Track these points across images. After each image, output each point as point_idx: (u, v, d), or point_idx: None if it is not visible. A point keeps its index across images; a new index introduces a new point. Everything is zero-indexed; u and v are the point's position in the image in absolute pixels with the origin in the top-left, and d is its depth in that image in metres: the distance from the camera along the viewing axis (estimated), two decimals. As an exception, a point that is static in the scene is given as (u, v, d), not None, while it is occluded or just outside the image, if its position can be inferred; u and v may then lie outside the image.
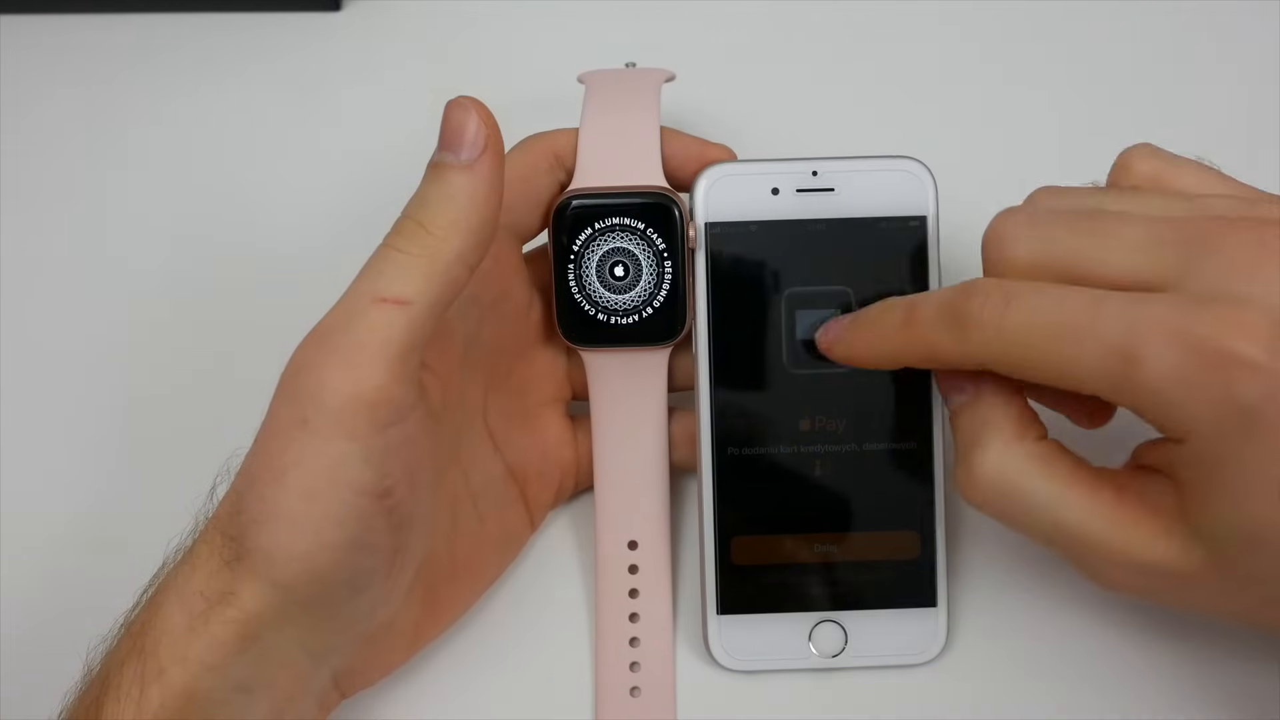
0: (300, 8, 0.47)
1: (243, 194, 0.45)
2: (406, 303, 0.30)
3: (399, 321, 0.30)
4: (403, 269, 0.31)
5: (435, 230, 0.31)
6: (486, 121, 0.32)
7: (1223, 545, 0.29)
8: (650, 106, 0.37)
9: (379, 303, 0.30)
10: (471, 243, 0.32)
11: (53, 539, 0.40)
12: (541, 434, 0.39)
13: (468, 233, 0.31)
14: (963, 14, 0.47)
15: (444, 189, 0.32)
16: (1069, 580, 0.39)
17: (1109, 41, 0.46)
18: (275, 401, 0.31)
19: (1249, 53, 0.45)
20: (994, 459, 0.32)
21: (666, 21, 0.47)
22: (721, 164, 0.37)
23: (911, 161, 0.37)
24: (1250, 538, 0.29)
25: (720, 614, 0.37)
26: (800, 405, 0.37)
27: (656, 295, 0.37)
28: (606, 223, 0.36)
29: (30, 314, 0.44)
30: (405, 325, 0.30)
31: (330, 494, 0.30)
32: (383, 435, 0.30)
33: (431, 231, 0.31)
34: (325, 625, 0.32)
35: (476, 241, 0.32)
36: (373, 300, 0.30)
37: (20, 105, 0.47)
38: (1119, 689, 0.38)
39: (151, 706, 0.30)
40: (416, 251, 0.31)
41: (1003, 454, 0.32)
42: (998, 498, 0.32)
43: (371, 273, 0.31)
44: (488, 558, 0.38)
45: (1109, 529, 0.31)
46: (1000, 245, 0.32)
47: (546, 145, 0.37)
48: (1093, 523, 0.31)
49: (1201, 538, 0.30)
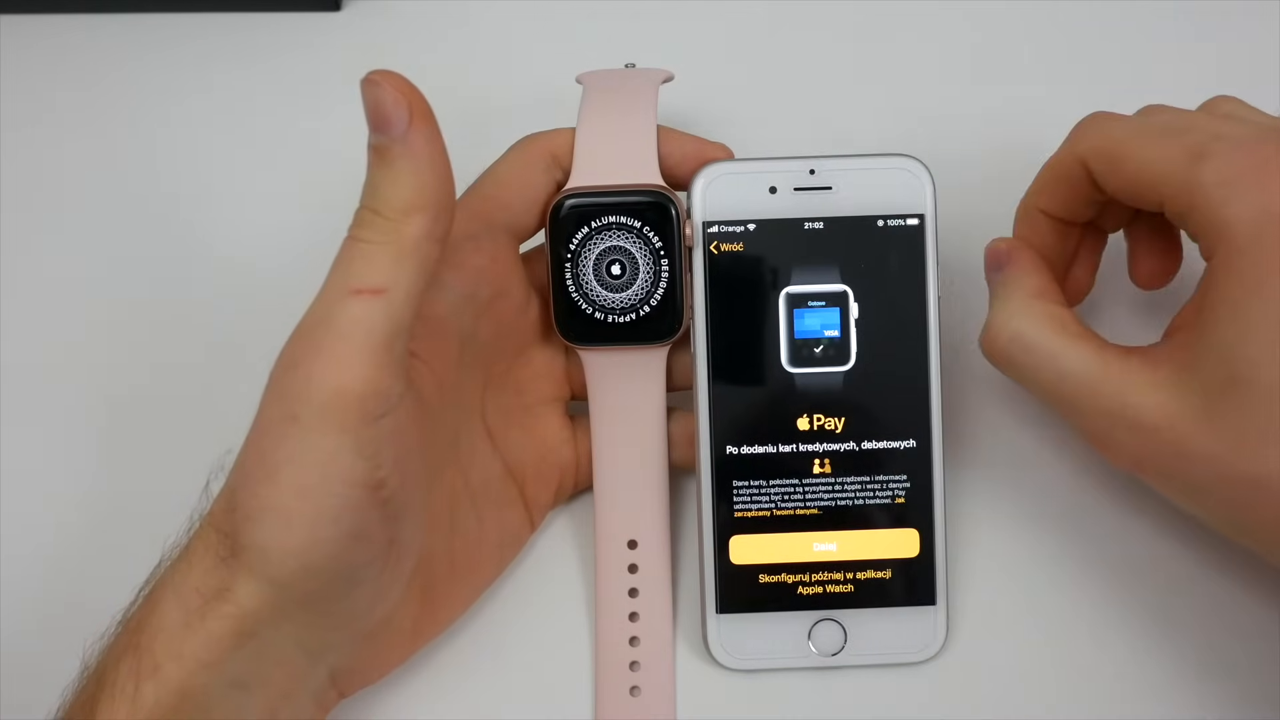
0: (300, 8, 0.47)
1: (243, 193, 0.45)
2: (381, 291, 0.30)
3: (377, 310, 0.30)
4: (370, 259, 0.31)
5: (391, 214, 0.31)
6: (401, 89, 0.31)
7: (1214, 386, 0.31)
8: (648, 107, 0.37)
9: (354, 294, 0.30)
10: (431, 216, 0.31)
11: (50, 538, 0.40)
12: (540, 433, 0.39)
13: (424, 208, 0.31)
14: (962, 12, 0.47)
15: (388, 171, 0.31)
16: (1069, 580, 0.39)
17: (1109, 40, 0.46)
18: (264, 399, 0.31)
19: (1249, 53, 0.45)
20: (1012, 311, 0.35)
21: (665, 21, 0.47)
22: (719, 163, 0.37)
23: (909, 160, 0.37)
24: (1238, 380, 0.30)
25: (720, 613, 0.37)
26: (799, 404, 0.37)
27: (653, 294, 0.37)
28: (603, 221, 0.36)
29: (28, 313, 0.44)
30: (384, 313, 0.30)
31: (323, 488, 0.30)
32: (373, 426, 0.30)
33: (388, 216, 0.31)
34: (322, 622, 0.32)
35: (437, 213, 0.31)
36: (348, 292, 0.30)
37: (20, 105, 0.47)
38: (1118, 689, 0.38)
39: (146, 704, 0.30)
40: (379, 239, 0.31)
41: (1020, 308, 0.35)
42: (1013, 349, 0.35)
43: (341, 266, 0.31)
44: (486, 557, 0.38)
45: (1107, 377, 0.33)
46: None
47: (543, 145, 0.37)
48: (1092, 370, 0.33)
49: (1196, 383, 0.31)
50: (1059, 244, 0.38)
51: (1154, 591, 0.39)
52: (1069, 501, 0.40)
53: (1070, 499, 0.40)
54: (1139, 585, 0.39)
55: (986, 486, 0.40)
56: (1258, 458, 0.30)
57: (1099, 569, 0.39)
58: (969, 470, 0.40)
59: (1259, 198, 0.31)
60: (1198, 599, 0.38)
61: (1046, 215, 0.37)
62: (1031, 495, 0.40)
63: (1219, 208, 0.31)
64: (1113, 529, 0.39)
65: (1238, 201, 0.31)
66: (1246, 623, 0.38)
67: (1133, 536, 0.39)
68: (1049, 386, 0.34)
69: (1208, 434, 0.31)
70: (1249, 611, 0.38)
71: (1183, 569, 0.39)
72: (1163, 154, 0.33)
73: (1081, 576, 0.39)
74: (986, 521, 0.40)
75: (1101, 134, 0.35)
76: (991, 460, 0.40)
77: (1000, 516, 0.40)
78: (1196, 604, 0.38)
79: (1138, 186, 0.34)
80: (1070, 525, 0.39)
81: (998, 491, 0.40)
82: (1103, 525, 0.39)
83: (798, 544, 0.37)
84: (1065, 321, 0.35)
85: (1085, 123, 0.36)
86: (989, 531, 0.39)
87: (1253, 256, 0.30)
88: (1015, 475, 0.40)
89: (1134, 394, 0.32)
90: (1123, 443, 0.33)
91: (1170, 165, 0.32)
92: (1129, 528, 0.39)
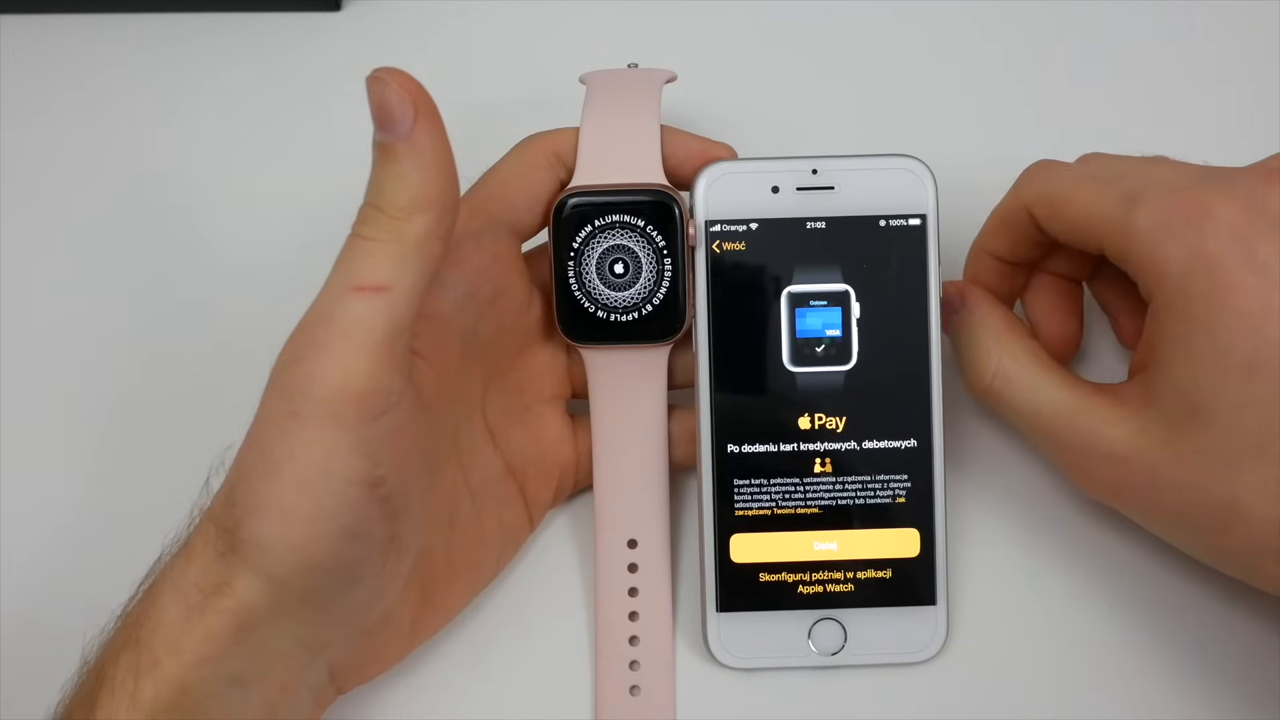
0: (300, 8, 0.48)
1: (243, 193, 0.45)
2: (383, 288, 0.30)
3: (379, 308, 0.30)
4: (372, 256, 0.31)
5: (395, 213, 0.31)
6: (406, 87, 0.31)
7: (1175, 419, 0.32)
8: (651, 106, 0.37)
9: (356, 291, 0.30)
10: (435, 215, 0.31)
11: (51, 534, 0.40)
12: (541, 432, 0.39)
13: (428, 207, 0.31)
14: (966, 14, 0.47)
15: (392, 169, 0.31)
16: (1069, 581, 0.39)
17: (1111, 42, 0.46)
18: (265, 396, 0.31)
19: (1249, 53, 0.46)
20: (990, 347, 0.37)
21: (668, 20, 0.47)
22: (721, 162, 0.37)
23: (912, 160, 0.37)
24: (1198, 410, 0.32)
25: (720, 612, 0.37)
26: (800, 403, 0.37)
27: (656, 293, 0.37)
28: (606, 220, 0.36)
29: (27, 312, 0.43)
30: (386, 311, 0.30)
31: (323, 485, 0.30)
32: (373, 424, 0.30)
33: (392, 215, 0.31)
34: (321, 618, 0.32)
35: (440, 212, 0.31)
36: (350, 290, 0.30)
37: (20, 105, 0.47)
38: (1117, 688, 0.38)
39: (145, 699, 0.30)
40: (383, 237, 0.31)
41: (998, 343, 0.37)
42: (996, 384, 0.36)
43: (344, 263, 0.31)
44: (485, 555, 0.38)
45: (1082, 410, 0.35)
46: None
47: (547, 144, 0.37)
48: (1068, 403, 0.35)
49: (1160, 416, 0.33)
50: (1006, 285, 0.39)
51: (1154, 591, 0.39)
52: (1069, 502, 0.40)
53: (1071, 500, 0.40)
54: (1139, 585, 0.39)
55: (987, 487, 0.40)
56: (1225, 482, 0.32)
57: (1099, 569, 0.39)
58: (970, 470, 0.40)
59: (1192, 239, 0.32)
60: (1198, 599, 0.39)
61: (994, 257, 0.39)
62: (1032, 496, 0.40)
63: (1153, 249, 0.33)
64: (1113, 530, 0.39)
65: (1171, 244, 0.32)
66: (1246, 623, 0.38)
67: (1133, 537, 0.39)
68: (1028, 418, 0.36)
69: (1176, 463, 0.33)
70: (1248, 612, 0.38)
71: (1183, 569, 0.39)
72: (1099, 201, 0.34)
73: (1082, 577, 0.39)
74: (987, 521, 0.40)
75: (1044, 182, 0.37)
76: (992, 460, 0.40)
77: (1001, 517, 0.40)
78: (1197, 604, 0.39)
79: (1077, 231, 0.35)
80: (1071, 526, 0.40)
81: (999, 492, 0.40)
82: (1103, 526, 0.39)
83: (798, 543, 0.37)
84: (1041, 355, 0.37)
85: (1029, 171, 0.37)
86: (989, 532, 0.40)
87: (1190, 294, 0.32)
88: (1016, 476, 0.40)
89: (1106, 427, 0.34)
90: (1098, 474, 0.35)
91: (1106, 211, 0.34)
92: (1129, 528, 0.39)
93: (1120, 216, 0.34)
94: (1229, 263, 0.32)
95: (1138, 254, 0.33)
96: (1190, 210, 0.32)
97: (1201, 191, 0.33)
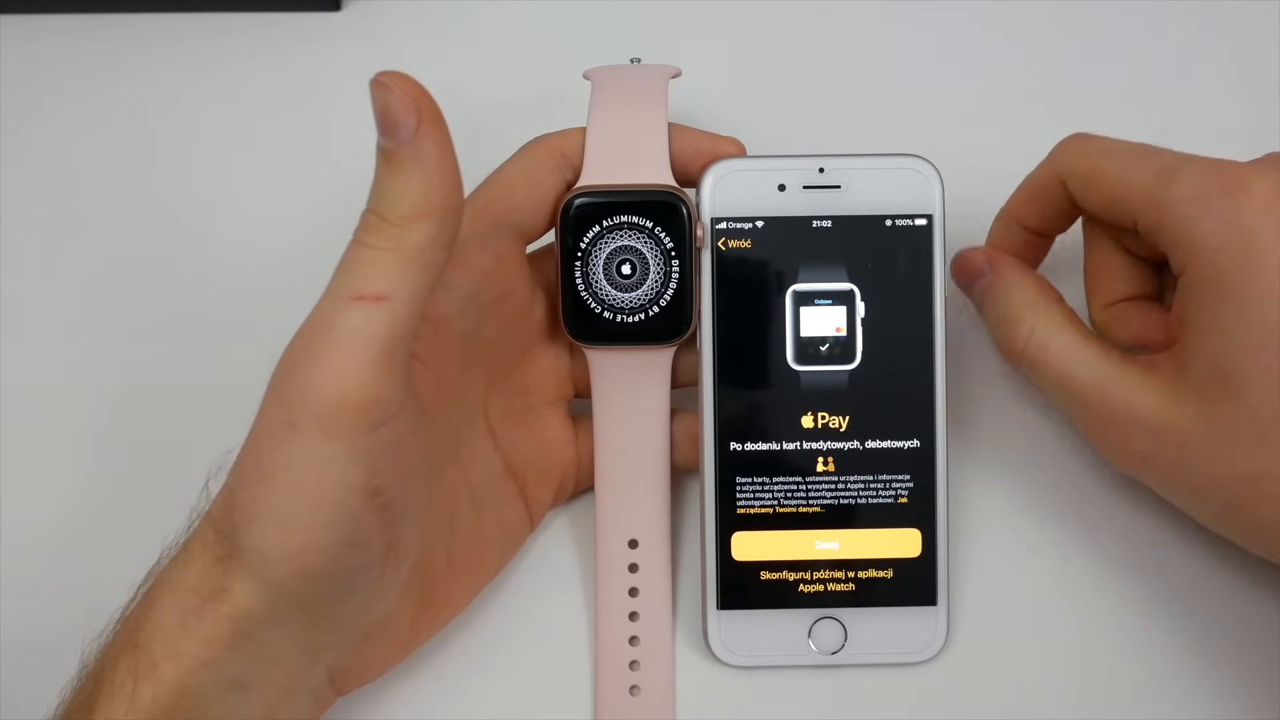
0: (300, 8, 0.47)
1: (243, 193, 0.45)
2: (384, 298, 0.30)
3: (379, 318, 0.30)
4: (373, 264, 0.30)
5: (397, 220, 0.30)
6: (409, 92, 0.30)
7: (1207, 391, 0.33)
8: (657, 104, 0.37)
9: (356, 301, 0.30)
10: (438, 223, 0.30)
11: (50, 536, 0.40)
12: (542, 433, 0.39)
13: (430, 215, 0.30)
14: (971, 14, 0.47)
15: (394, 176, 0.30)
16: (1069, 581, 0.39)
17: (1114, 42, 0.46)
18: (264, 404, 0.31)
19: (1249, 53, 0.46)
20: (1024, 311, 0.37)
21: (671, 17, 0.47)
22: (728, 160, 0.37)
23: (918, 160, 0.37)
24: (1229, 382, 0.32)
25: (720, 609, 0.37)
26: (803, 402, 0.37)
27: (663, 294, 0.36)
28: (614, 220, 0.36)
29: (27, 312, 0.43)
30: (386, 320, 0.30)
31: (320, 495, 0.30)
32: (371, 435, 0.30)
33: (394, 222, 0.30)
34: (319, 623, 0.32)
35: (443, 220, 0.31)
36: (349, 299, 0.30)
37: (20, 105, 0.46)
38: (1119, 689, 0.38)
39: (144, 702, 0.30)
40: (384, 245, 0.30)
41: (1032, 308, 0.37)
42: (1031, 347, 0.36)
43: (345, 271, 0.30)
44: (485, 556, 0.38)
45: (1114, 379, 0.35)
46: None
47: (553, 145, 0.37)
48: (1101, 371, 0.35)
49: (1191, 387, 0.33)
50: (1031, 254, 0.40)
51: (1155, 592, 0.39)
52: (1071, 503, 0.40)
53: (1072, 500, 0.40)
54: (1140, 586, 0.39)
55: (989, 487, 0.40)
56: (1254, 456, 0.32)
57: (1100, 570, 0.39)
58: (972, 471, 0.40)
59: (1228, 212, 0.33)
60: (1198, 600, 0.39)
61: (1023, 227, 0.39)
62: (1033, 496, 0.40)
63: (1188, 222, 0.33)
64: (1114, 530, 0.39)
65: (1207, 216, 0.33)
66: (1249, 622, 0.38)
67: (1134, 538, 0.39)
68: (1062, 384, 0.36)
69: (1206, 434, 0.33)
70: (1251, 611, 0.38)
71: (1183, 570, 0.39)
72: (1135, 173, 0.35)
73: (1082, 578, 0.39)
74: (988, 522, 0.40)
75: (1079, 153, 0.37)
76: (995, 461, 0.40)
77: (1002, 517, 0.40)
78: (1197, 605, 0.39)
79: (1111, 203, 0.36)
80: (1071, 526, 0.40)
81: (1000, 492, 0.40)
82: (1104, 526, 0.39)
83: (800, 542, 0.37)
84: (1075, 321, 0.37)
85: (1065, 143, 0.37)
86: (991, 532, 0.40)
87: (1223, 266, 0.33)
88: (1018, 476, 0.40)
89: (1139, 396, 0.34)
90: (1128, 443, 0.35)
91: (1142, 183, 0.34)
92: (1130, 529, 0.39)
93: (1156, 189, 0.34)
94: (1264, 236, 0.32)
95: (1172, 226, 0.34)
96: (1227, 184, 0.33)
97: (1238, 168, 0.33)
